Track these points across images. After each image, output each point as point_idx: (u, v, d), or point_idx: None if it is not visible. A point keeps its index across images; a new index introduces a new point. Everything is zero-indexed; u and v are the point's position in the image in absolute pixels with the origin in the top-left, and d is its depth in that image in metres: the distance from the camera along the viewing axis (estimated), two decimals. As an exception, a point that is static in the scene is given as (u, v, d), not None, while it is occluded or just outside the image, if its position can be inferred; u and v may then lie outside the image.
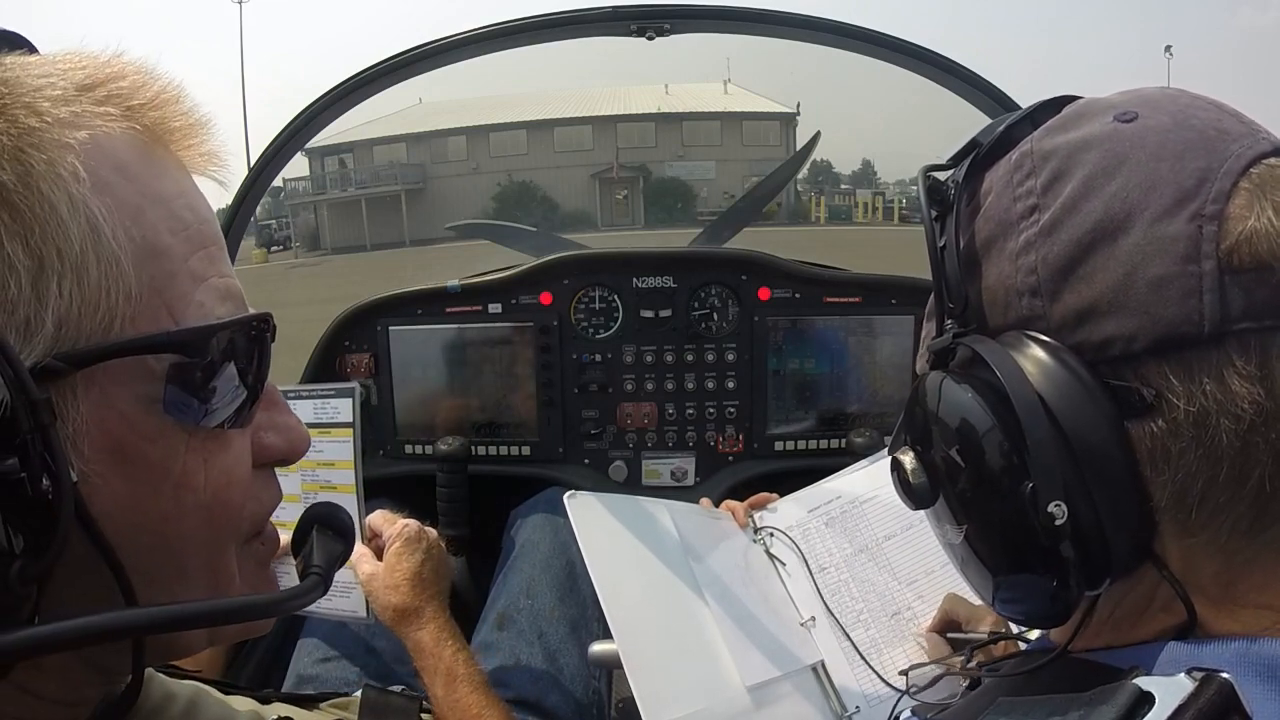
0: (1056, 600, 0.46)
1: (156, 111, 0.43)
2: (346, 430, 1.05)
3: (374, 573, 1.03)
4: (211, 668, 1.10)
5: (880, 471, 1.16)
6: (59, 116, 0.37)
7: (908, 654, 1.01)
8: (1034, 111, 0.51)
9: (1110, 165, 0.44)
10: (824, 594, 1.07)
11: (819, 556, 1.11)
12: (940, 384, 0.49)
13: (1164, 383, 0.42)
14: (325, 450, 1.06)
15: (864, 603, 1.06)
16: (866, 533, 1.12)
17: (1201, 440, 0.41)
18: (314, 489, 1.08)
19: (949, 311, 0.50)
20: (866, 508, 1.13)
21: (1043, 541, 0.44)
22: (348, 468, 1.05)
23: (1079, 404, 0.43)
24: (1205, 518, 0.43)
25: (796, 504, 1.18)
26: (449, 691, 0.95)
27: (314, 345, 1.70)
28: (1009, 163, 0.49)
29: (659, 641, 0.93)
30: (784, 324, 1.67)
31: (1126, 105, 0.47)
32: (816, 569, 1.10)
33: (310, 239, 32.46)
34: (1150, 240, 0.42)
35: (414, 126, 33.33)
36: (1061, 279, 0.44)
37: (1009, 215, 0.47)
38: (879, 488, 1.14)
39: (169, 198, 0.42)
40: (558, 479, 1.67)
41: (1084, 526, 0.43)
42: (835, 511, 1.15)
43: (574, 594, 1.32)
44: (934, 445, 0.49)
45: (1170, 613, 0.45)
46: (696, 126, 33.87)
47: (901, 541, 1.09)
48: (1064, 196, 0.45)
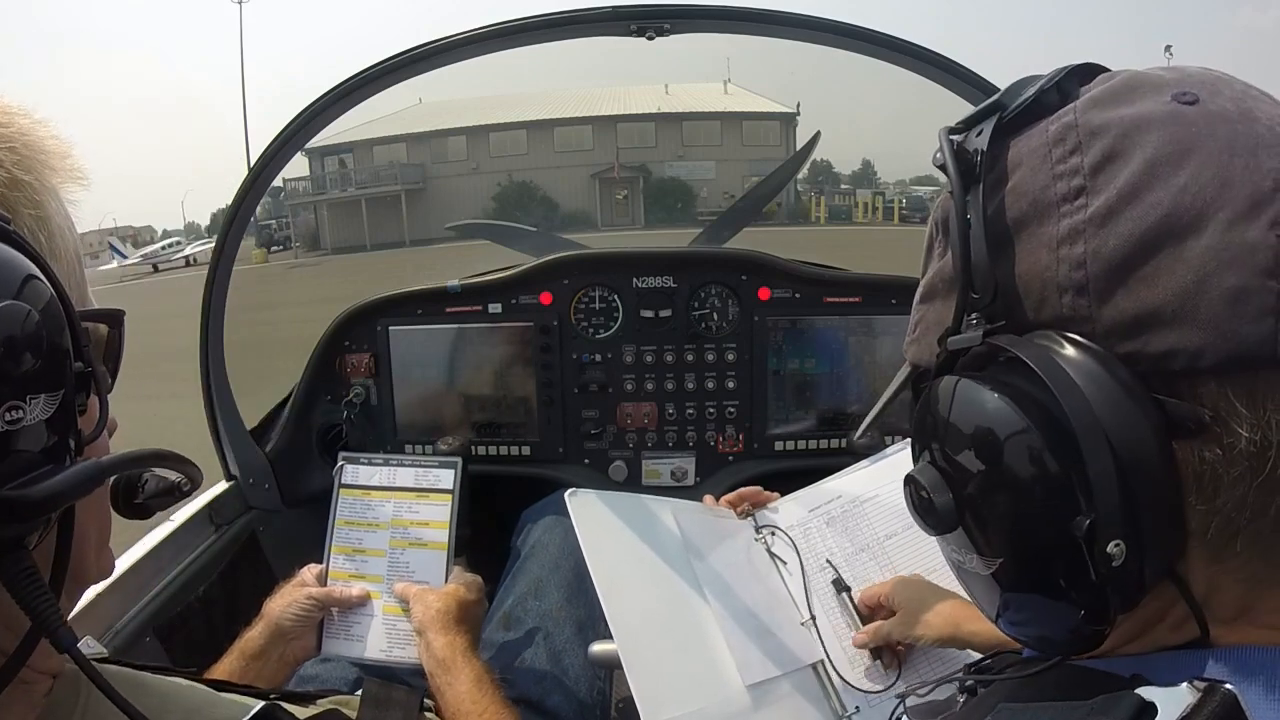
0: (1079, 632, 0.42)
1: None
2: (446, 496, 1.17)
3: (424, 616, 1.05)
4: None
5: (881, 471, 1.16)
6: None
7: (908, 654, 1.01)
8: (1060, 79, 0.45)
9: (1176, 152, 0.39)
10: (823, 593, 1.07)
11: (820, 556, 1.11)
12: (961, 389, 0.43)
13: (1225, 405, 0.37)
14: (421, 511, 1.16)
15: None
16: (867, 532, 1.12)
17: (1258, 471, 0.38)
18: (402, 546, 1.15)
19: (973, 303, 0.43)
20: (867, 507, 1.13)
21: (1090, 579, 0.39)
22: (441, 528, 1.15)
23: (1130, 422, 0.38)
24: (1242, 548, 0.39)
25: (797, 503, 1.18)
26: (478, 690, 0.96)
27: (314, 345, 1.70)
28: (1046, 134, 0.43)
29: (658, 640, 0.93)
30: (784, 324, 1.67)
31: (1182, 84, 0.41)
32: (817, 569, 1.10)
33: (310, 239, 32.45)
34: (1226, 246, 0.37)
35: (414, 126, 33.30)
36: (1116, 278, 0.39)
37: (1047, 195, 0.41)
38: (880, 487, 1.14)
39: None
40: (558, 479, 1.68)
41: (1131, 562, 0.39)
42: (836, 511, 1.15)
43: (581, 595, 1.32)
44: (958, 464, 0.43)
45: (1180, 631, 0.43)
46: (696, 126, 33.83)
47: (903, 540, 1.09)
48: (1121, 182, 0.39)
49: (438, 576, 1.12)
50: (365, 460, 1.19)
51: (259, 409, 1.76)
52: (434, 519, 1.15)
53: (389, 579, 1.13)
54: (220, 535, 1.50)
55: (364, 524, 1.16)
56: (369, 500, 1.17)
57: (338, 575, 1.14)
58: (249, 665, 1.02)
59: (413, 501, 1.16)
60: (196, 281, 1.55)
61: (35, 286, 0.42)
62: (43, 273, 0.43)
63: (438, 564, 1.13)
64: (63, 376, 0.43)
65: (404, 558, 1.14)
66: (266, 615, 1.07)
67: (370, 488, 1.18)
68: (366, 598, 1.12)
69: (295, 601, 1.07)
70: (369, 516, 1.16)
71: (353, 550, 1.15)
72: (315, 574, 1.13)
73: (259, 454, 1.63)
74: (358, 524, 1.16)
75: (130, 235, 37.26)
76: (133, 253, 29.68)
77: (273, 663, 1.05)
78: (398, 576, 1.13)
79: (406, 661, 1.08)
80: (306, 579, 1.12)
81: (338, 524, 1.16)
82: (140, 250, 30.72)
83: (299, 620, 1.07)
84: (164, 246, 31.12)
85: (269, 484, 1.63)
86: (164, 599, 1.29)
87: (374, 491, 1.17)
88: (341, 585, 1.12)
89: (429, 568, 1.13)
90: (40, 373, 0.41)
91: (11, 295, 0.40)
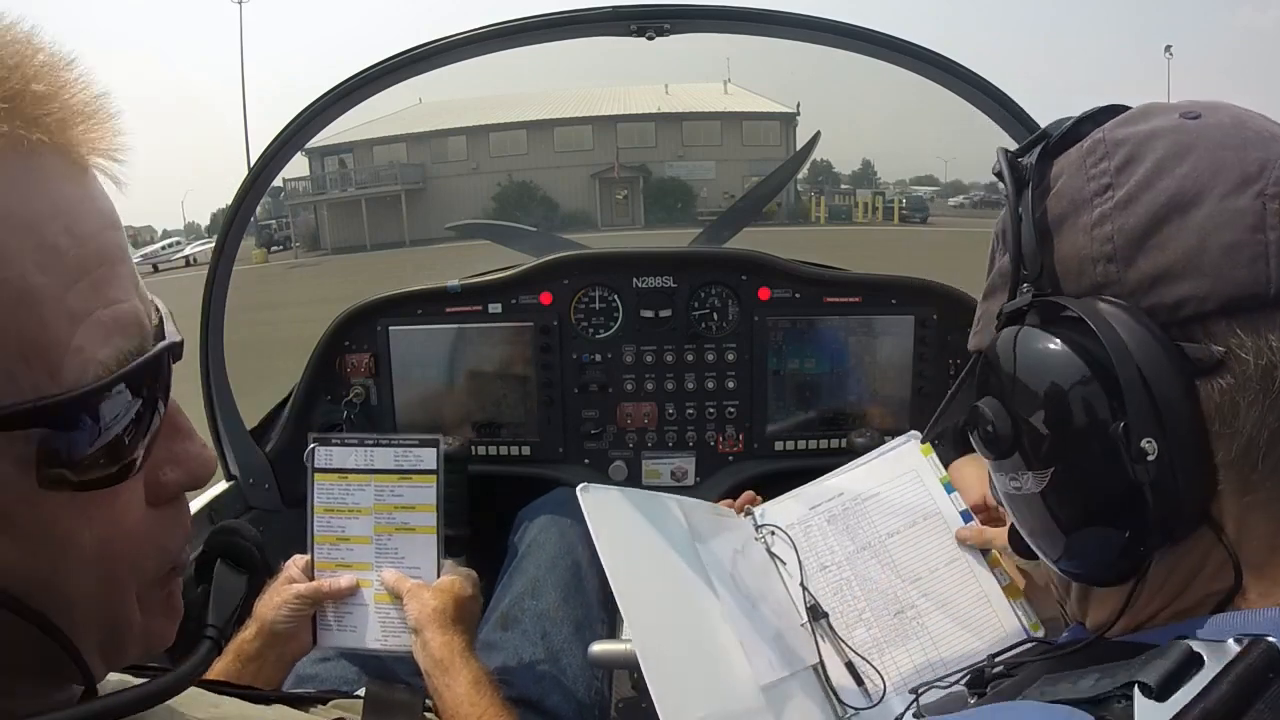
0: (1125, 554, 0.49)
1: (33, 102, 0.35)
2: (429, 477, 1.10)
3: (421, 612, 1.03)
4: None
5: (882, 468, 1.16)
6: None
7: (910, 654, 1.01)
8: (1095, 113, 0.56)
9: (1180, 151, 0.49)
10: (823, 593, 1.07)
11: (820, 554, 1.11)
12: (1020, 335, 0.52)
13: (1233, 340, 0.46)
14: (405, 495, 1.10)
15: (866, 601, 1.06)
16: (869, 530, 1.11)
17: (1268, 392, 0.45)
18: (388, 531, 1.10)
19: (1024, 278, 0.53)
20: (869, 504, 1.13)
21: (1130, 477, 0.47)
22: (428, 511, 1.09)
23: (1156, 361, 0.46)
24: (1268, 470, 0.46)
25: (797, 501, 1.18)
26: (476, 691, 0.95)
27: (314, 345, 1.70)
28: (1080, 149, 0.53)
29: (675, 640, 0.92)
30: (784, 324, 1.67)
31: (1189, 107, 0.52)
32: (818, 567, 1.09)
33: (310, 239, 32.46)
34: (1220, 213, 0.46)
35: (414, 126, 33.32)
36: (1137, 246, 0.48)
37: (1082, 194, 0.51)
38: (881, 484, 1.14)
39: (39, 222, 0.35)
40: (558, 479, 1.68)
41: (1164, 473, 0.46)
42: (837, 509, 1.14)
43: (579, 594, 1.32)
44: (1016, 393, 0.52)
45: (1217, 579, 0.49)
46: (696, 126, 33.85)
47: (905, 539, 1.09)
48: (1138, 176, 0.49)
49: (429, 562, 1.08)
50: (338, 440, 1.12)
51: (259, 409, 1.76)
52: (419, 502, 1.09)
53: (378, 566, 1.09)
54: (220, 535, 1.50)
55: (345, 510, 1.10)
56: (348, 485, 1.11)
57: (324, 565, 1.10)
58: (245, 668, 1.00)
59: (395, 484, 1.10)
60: (196, 281, 1.55)
61: None
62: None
63: (428, 549, 1.09)
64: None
65: (391, 543, 1.09)
66: (258, 617, 1.05)
67: (347, 470, 1.11)
68: (356, 587, 1.08)
69: (285, 602, 1.05)
70: (349, 502, 1.10)
71: (337, 539, 1.10)
72: (301, 566, 1.10)
73: (259, 454, 1.62)
74: (339, 510, 1.10)
75: (130, 235, 37.22)
76: (133, 253, 29.56)
77: (269, 664, 1.03)
78: (387, 563, 1.09)
79: (402, 649, 1.05)
80: (293, 574, 1.09)
81: (317, 511, 1.11)
82: (140, 250, 30.71)
83: (290, 620, 1.05)
84: (164, 246, 31.11)
85: (269, 484, 1.63)
86: None
87: (352, 475, 1.11)
88: (329, 576, 1.09)
89: (419, 553, 1.09)
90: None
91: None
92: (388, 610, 1.08)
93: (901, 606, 1.05)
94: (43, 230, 0.35)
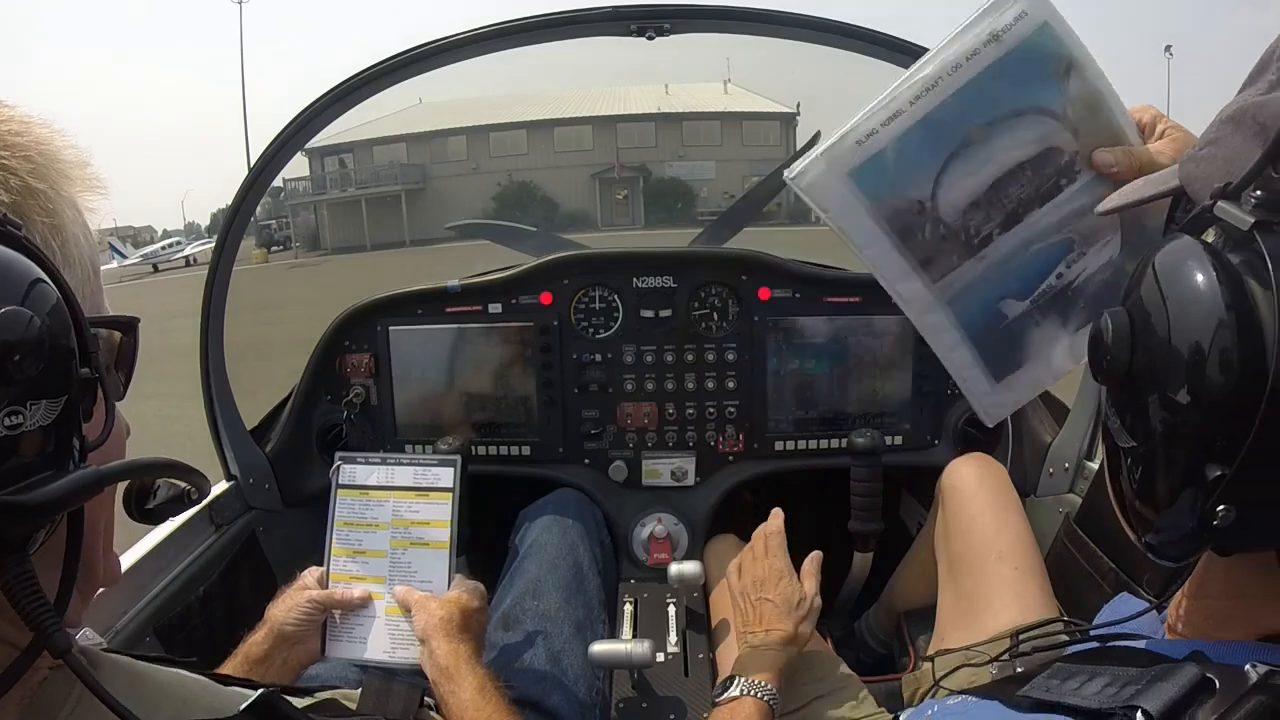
0: (1194, 535, 0.41)
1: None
2: (446, 494, 1.16)
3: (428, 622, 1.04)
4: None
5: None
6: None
7: None
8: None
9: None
10: None
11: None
12: (1203, 253, 0.40)
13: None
14: (421, 511, 1.15)
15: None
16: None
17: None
18: (403, 546, 1.14)
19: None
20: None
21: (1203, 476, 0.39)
22: (443, 527, 1.14)
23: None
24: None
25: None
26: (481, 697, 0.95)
27: (314, 345, 1.70)
28: None
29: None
30: (784, 324, 1.67)
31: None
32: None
33: (310, 239, 32.47)
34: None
35: (414, 126, 33.30)
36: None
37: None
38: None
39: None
40: (558, 479, 1.68)
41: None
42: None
43: (580, 595, 1.32)
44: (1155, 337, 0.42)
45: (1267, 611, 0.43)
46: (696, 126, 33.82)
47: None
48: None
49: (440, 576, 1.12)
50: (362, 460, 1.18)
51: (259, 409, 1.76)
52: (435, 518, 1.14)
53: (391, 580, 1.12)
54: (220, 535, 1.50)
55: (364, 524, 1.15)
56: (368, 500, 1.16)
57: (339, 577, 1.13)
58: (253, 669, 1.01)
59: (413, 501, 1.15)
60: (196, 281, 1.55)
61: (42, 291, 0.42)
62: (51, 279, 0.43)
63: (440, 563, 1.12)
64: (66, 383, 0.43)
65: (405, 558, 1.13)
66: (269, 620, 1.07)
67: (369, 487, 1.17)
68: (368, 599, 1.11)
69: (297, 605, 1.07)
70: (368, 517, 1.16)
71: (353, 551, 1.14)
72: (316, 577, 1.13)
73: (259, 454, 1.63)
74: (357, 525, 1.15)
75: (130, 235, 37.29)
76: (133, 253, 29.66)
77: (276, 667, 1.04)
78: (400, 577, 1.12)
79: (409, 663, 1.07)
80: (308, 582, 1.12)
81: (337, 525, 1.16)
82: (140, 250, 30.71)
83: (301, 624, 1.06)
84: (164, 246, 31.13)
85: (269, 484, 1.63)
86: (164, 599, 1.29)
87: (373, 491, 1.16)
88: (343, 587, 1.12)
89: (431, 567, 1.12)
90: (42, 378, 0.41)
91: (16, 300, 0.40)
92: (397, 623, 1.10)
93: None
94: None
